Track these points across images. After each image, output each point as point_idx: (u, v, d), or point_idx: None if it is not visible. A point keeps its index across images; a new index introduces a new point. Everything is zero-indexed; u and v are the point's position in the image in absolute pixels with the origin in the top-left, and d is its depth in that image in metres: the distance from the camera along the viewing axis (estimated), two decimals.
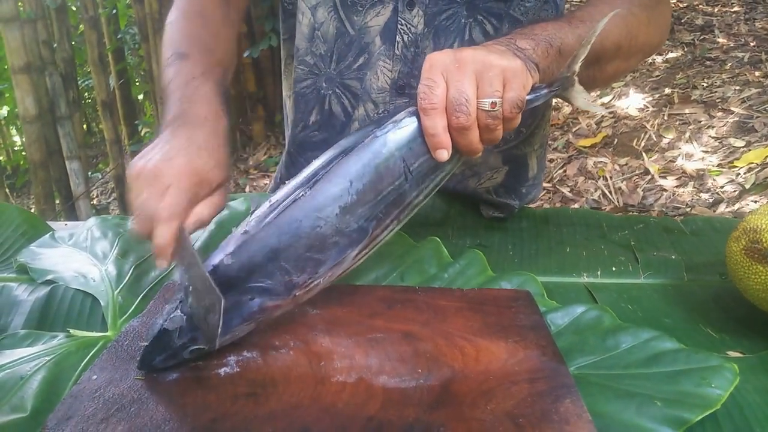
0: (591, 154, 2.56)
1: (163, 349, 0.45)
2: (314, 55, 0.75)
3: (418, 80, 0.71)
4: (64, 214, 2.79)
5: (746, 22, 3.14)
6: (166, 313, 0.46)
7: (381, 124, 0.50)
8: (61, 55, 2.77)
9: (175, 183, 0.48)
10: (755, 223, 0.54)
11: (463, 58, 0.48)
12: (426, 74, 0.48)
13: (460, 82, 0.47)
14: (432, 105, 0.47)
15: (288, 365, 0.46)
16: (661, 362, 0.47)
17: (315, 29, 0.73)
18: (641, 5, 0.63)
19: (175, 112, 0.55)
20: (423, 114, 0.48)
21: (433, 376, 0.45)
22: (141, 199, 0.48)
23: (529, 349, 0.48)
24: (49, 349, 0.50)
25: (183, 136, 0.52)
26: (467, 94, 0.47)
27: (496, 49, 0.50)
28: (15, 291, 0.61)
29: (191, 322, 0.45)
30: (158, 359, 0.45)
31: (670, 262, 0.69)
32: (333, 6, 0.71)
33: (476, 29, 0.70)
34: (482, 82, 0.48)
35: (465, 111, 0.47)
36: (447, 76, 0.48)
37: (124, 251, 0.66)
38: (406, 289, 0.58)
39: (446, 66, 0.48)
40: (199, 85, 0.58)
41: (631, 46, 0.63)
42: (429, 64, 0.49)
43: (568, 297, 0.62)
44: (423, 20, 0.69)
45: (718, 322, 0.58)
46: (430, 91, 0.47)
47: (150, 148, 0.52)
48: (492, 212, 0.83)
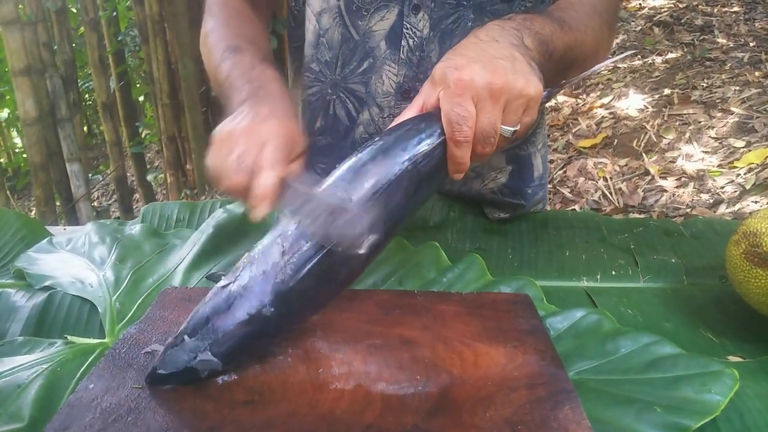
0: (591, 155, 2.56)
1: (185, 381, 0.44)
2: (320, 62, 0.75)
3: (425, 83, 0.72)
4: (64, 217, 2.79)
5: (746, 23, 3.13)
6: (191, 350, 0.44)
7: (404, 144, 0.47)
8: (61, 57, 2.78)
9: (272, 139, 0.49)
10: (755, 227, 0.53)
11: (497, 89, 0.46)
12: (457, 99, 0.47)
13: (492, 114, 0.47)
14: (466, 138, 0.47)
15: (286, 372, 0.46)
16: (661, 367, 0.47)
17: (320, 36, 0.73)
18: (606, 22, 0.64)
19: (249, 90, 0.56)
20: (455, 146, 0.47)
21: (432, 382, 0.45)
22: (238, 152, 0.48)
23: (528, 354, 0.48)
24: (46, 357, 0.50)
25: (267, 105, 0.53)
26: (497, 127, 0.48)
27: (521, 67, 0.49)
28: (13, 297, 0.61)
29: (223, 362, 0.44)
30: (172, 383, 0.44)
31: (669, 266, 0.68)
32: (338, 12, 0.71)
33: None
34: (508, 110, 0.48)
35: (492, 143, 0.48)
36: (478, 103, 0.47)
37: (122, 256, 0.66)
38: (404, 293, 0.57)
39: (479, 92, 0.46)
40: (264, 69, 0.60)
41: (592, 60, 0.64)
42: (461, 86, 0.47)
43: (568, 301, 0.62)
44: (428, 24, 0.69)
45: (719, 326, 0.58)
46: (464, 123, 0.46)
47: (233, 117, 0.52)
48: (497, 214, 0.83)
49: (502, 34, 0.52)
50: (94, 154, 4.72)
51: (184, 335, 0.45)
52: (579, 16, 0.60)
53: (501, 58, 0.49)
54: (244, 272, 0.46)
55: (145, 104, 4.26)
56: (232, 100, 0.57)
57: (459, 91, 0.47)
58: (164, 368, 0.44)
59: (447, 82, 0.47)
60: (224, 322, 0.44)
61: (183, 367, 0.44)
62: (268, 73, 0.60)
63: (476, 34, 0.52)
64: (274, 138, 0.49)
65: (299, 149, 0.53)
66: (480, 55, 0.49)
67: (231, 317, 0.44)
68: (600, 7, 0.64)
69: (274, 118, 0.52)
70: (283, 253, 0.45)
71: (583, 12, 0.61)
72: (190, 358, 0.44)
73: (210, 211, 0.80)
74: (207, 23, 0.70)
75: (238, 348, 0.45)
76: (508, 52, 0.50)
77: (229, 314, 0.44)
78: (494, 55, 0.49)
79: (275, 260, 0.45)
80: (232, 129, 0.50)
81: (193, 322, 0.45)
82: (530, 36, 0.53)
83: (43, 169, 2.58)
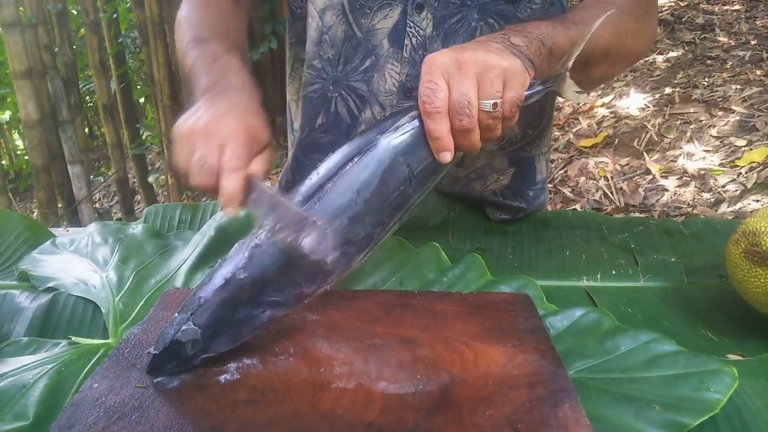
0: (592, 154, 2.56)
1: (174, 358, 0.46)
2: (322, 59, 0.75)
3: None
4: (66, 218, 2.80)
5: (747, 21, 3.13)
6: (177, 324, 0.46)
7: (382, 128, 0.50)
8: (62, 59, 2.78)
9: (231, 138, 0.49)
10: (754, 226, 0.54)
11: (464, 60, 0.48)
12: (427, 76, 0.48)
13: (462, 85, 0.47)
14: (436, 109, 0.47)
15: (288, 372, 0.46)
16: (660, 365, 0.47)
17: (323, 33, 0.73)
18: (630, 14, 0.63)
19: (209, 82, 0.56)
20: (427, 118, 0.48)
21: (432, 381, 0.45)
22: (198, 154, 0.49)
23: (528, 353, 0.48)
24: (51, 357, 0.51)
25: (225, 100, 0.53)
26: (469, 97, 0.47)
27: (494, 48, 0.50)
28: (17, 298, 0.61)
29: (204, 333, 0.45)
30: (168, 366, 0.46)
31: (670, 265, 0.69)
32: (341, 9, 0.71)
33: (486, 32, 0.70)
34: (483, 83, 0.48)
35: (468, 113, 0.47)
36: (448, 78, 0.48)
37: (125, 257, 0.67)
38: (405, 293, 0.58)
39: (447, 68, 0.48)
40: (227, 60, 0.59)
41: (618, 53, 0.64)
42: (429, 66, 0.49)
43: (568, 300, 0.62)
44: (432, 23, 0.69)
45: (718, 324, 0.58)
46: (433, 95, 0.47)
47: (191, 112, 0.52)
48: (499, 215, 0.83)
49: (487, 39, 0.53)
50: (96, 156, 4.73)
51: (176, 313, 0.47)
52: (588, 12, 0.60)
53: (474, 46, 0.50)
54: (232, 251, 0.48)
55: (145, 106, 4.27)
56: (194, 92, 0.57)
57: (428, 70, 0.48)
58: (157, 347, 0.46)
59: (422, 70, 0.49)
60: (205, 292, 0.46)
61: (169, 341, 0.45)
62: (232, 63, 0.59)
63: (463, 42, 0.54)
64: (234, 137, 0.49)
65: (262, 143, 0.52)
66: (456, 47, 0.50)
67: (211, 285, 0.46)
68: (621, 2, 0.63)
69: (233, 114, 0.51)
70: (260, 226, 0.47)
71: (594, 9, 0.61)
72: (176, 332, 0.45)
73: (211, 213, 0.80)
74: (182, 9, 0.70)
75: (217, 317, 0.46)
76: (484, 44, 0.51)
77: (209, 284, 0.46)
78: (468, 47, 0.50)
79: (253, 231, 0.48)
80: (191, 128, 0.50)
81: (185, 303, 0.47)
82: (518, 36, 0.53)
83: (45, 172, 2.58)
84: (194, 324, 0.45)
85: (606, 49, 0.61)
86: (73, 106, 2.77)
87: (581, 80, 0.61)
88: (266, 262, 0.46)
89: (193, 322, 0.45)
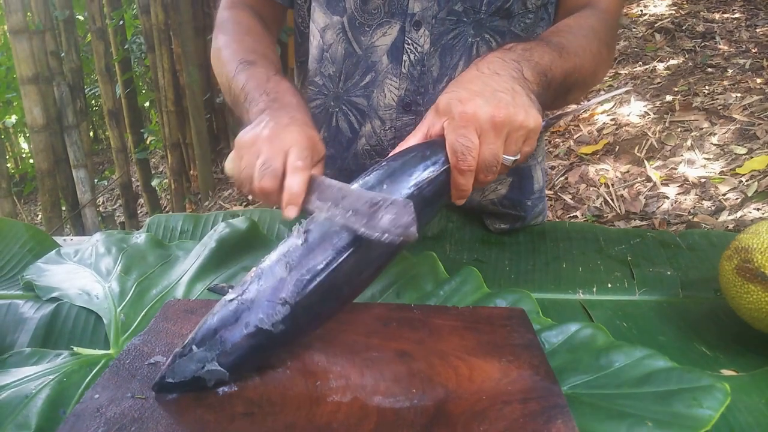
0: (592, 162, 2.56)
1: (189, 386, 0.46)
2: (323, 76, 0.77)
3: (426, 97, 0.73)
4: (70, 222, 2.81)
5: (747, 29, 3.14)
6: (199, 360, 0.45)
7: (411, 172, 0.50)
8: (68, 65, 2.81)
9: (296, 145, 0.51)
10: (747, 243, 0.54)
11: (499, 122, 0.49)
12: (462, 130, 0.49)
13: (495, 145, 0.50)
14: (469, 167, 0.49)
15: (285, 385, 0.47)
16: (654, 381, 0.48)
17: (324, 51, 0.75)
18: (605, 43, 0.65)
19: (267, 101, 0.58)
20: (459, 174, 0.50)
21: (427, 396, 0.46)
22: (263, 158, 0.50)
23: (522, 368, 0.49)
24: (53, 368, 0.52)
25: (286, 114, 0.55)
26: (498, 156, 0.50)
27: (521, 100, 0.51)
28: (21, 308, 0.62)
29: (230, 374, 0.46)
30: (180, 391, 0.46)
31: (665, 278, 0.69)
32: (341, 28, 0.72)
33: (483, 47, 0.72)
34: (509, 141, 0.51)
35: (494, 171, 0.51)
36: (481, 134, 0.50)
37: (128, 267, 0.68)
38: (402, 307, 0.59)
39: (482, 125, 0.49)
40: (278, 80, 0.62)
41: (592, 82, 0.67)
42: (465, 118, 0.49)
43: (564, 314, 0.63)
44: (429, 39, 0.71)
45: (713, 339, 0.59)
46: (468, 153, 0.49)
47: (254, 125, 0.54)
48: (498, 225, 0.84)
49: (503, 66, 0.54)
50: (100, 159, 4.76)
51: (193, 345, 0.46)
52: (577, 39, 0.62)
53: (502, 92, 0.51)
54: (252, 286, 0.47)
55: (150, 111, 4.29)
56: (249, 110, 0.59)
57: (463, 123, 0.49)
58: (173, 377, 0.46)
59: (452, 114, 0.50)
60: (232, 334, 0.46)
61: (191, 376, 0.45)
62: (283, 84, 0.62)
63: (478, 66, 0.54)
64: (297, 144, 0.51)
65: (320, 154, 0.55)
66: (483, 88, 0.51)
67: (238, 330, 0.46)
68: (598, 28, 0.65)
69: (295, 126, 0.53)
70: (290, 270, 0.46)
71: (581, 35, 0.63)
72: (198, 368, 0.45)
73: (213, 223, 0.81)
74: (219, 39, 0.71)
75: (244, 359, 0.46)
76: (509, 85, 0.52)
77: (236, 326, 0.46)
78: (496, 89, 0.51)
79: (282, 276, 0.47)
80: (256, 136, 0.52)
81: (201, 333, 0.47)
82: (530, 68, 0.55)
83: (50, 176, 2.60)
84: (220, 364, 0.45)
85: (585, 80, 0.63)
86: (79, 111, 2.79)
87: (557, 105, 0.63)
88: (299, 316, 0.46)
89: (219, 362, 0.45)
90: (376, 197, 0.45)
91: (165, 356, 0.50)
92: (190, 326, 0.55)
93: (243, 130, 0.54)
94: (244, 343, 0.46)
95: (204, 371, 0.45)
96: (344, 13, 0.71)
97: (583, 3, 0.69)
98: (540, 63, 0.56)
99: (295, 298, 0.46)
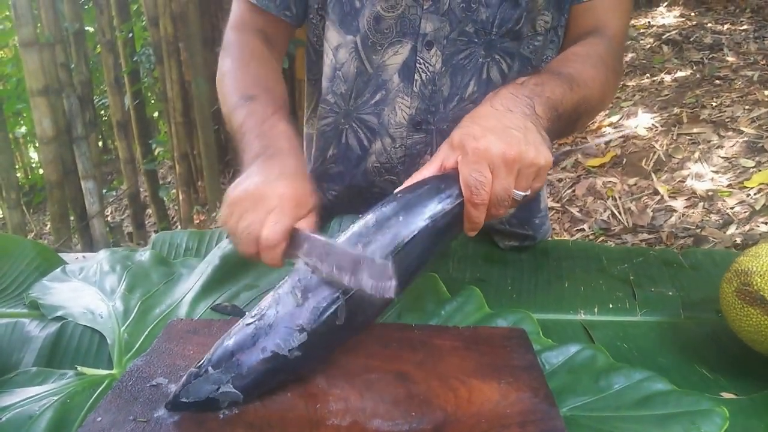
0: (600, 174, 2.56)
1: (203, 406, 0.47)
2: (335, 94, 0.78)
3: (436, 116, 0.75)
4: (78, 232, 2.84)
5: (756, 41, 3.14)
6: (214, 381, 0.47)
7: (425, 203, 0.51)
8: (78, 77, 2.84)
9: (278, 206, 0.52)
10: (746, 266, 0.54)
11: (511, 158, 0.51)
12: (475, 165, 0.51)
13: (506, 181, 0.51)
14: (483, 201, 0.51)
15: (285, 407, 0.47)
16: (652, 404, 0.48)
17: (336, 69, 0.76)
18: (612, 70, 0.66)
19: (259, 146, 0.59)
20: (472, 207, 0.51)
21: (426, 419, 0.46)
22: (245, 223, 0.52)
23: (522, 390, 0.49)
24: (57, 389, 0.52)
25: (276, 165, 0.56)
26: (510, 192, 0.52)
27: (532, 137, 0.53)
28: (27, 327, 0.63)
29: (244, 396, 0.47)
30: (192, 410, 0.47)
31: (667, 299, 0.69)
32: (354, 47, 0.73)
33: (494, 68, 0.73)
34: (520, 177, 0.52)
35: (506, 205, 0.52)
36: (494, 170, 0.51)
37: (132, 286, 0.69)
38: (402, 327, 0.59)
39: (494, 161, 0.51)
40: (275, 122, 0.62)
41: (599, 109, 0.68)
42: (478, 155, 0.51)
43: (565, 335, 0.63)
44: (441, 59, 0.72)
45: (713, 361, 0.59)
46: (481, 188, 0.51)
47: (243, 177, 0.55)
48: (508, 242, 0.85)
49: (516, 103, 0.55)
50: (108, 170, 4.80)
51: (209, 367, 0.47)
52: (587, 70, 0.63)
53: (515, 129, 0.52)
54: (270, 311, 0.49)
55: (158, 122, 4.33)
56: (244, 154, 0.60)
57: (476, 159, 0.51)
58: (187, 397, 0.47)
59: (465, 149, 0.52)
60: (248, 358, 0.47)
61: (205, 397, 0.46)
62: (279, 127, 0.62)
63: (492, 102, 0.56)
64: (280, 204, 0.52)
65: (308, 207, 0.55)
66: (495, 125, 0.53)
67: (255, 354, 0.47)
68: (606, 56, 0.66)
69: (284, 180, 0.54)
70: (305, 299, 0.48)
71: (590, 65, 0.64)
72: (213, 389, 0.46)
73: (217, 241, 0.82)
74: (224, 63, 0.72)
75: (258, 382, 0.47)
76: (521, 122, 0.53)
77: (253, 351, 0.47)
78: (508, 126, 0.53)
79: (298, 303, 0.48)
80: (243, 192, 0.53)
81: (217, 355, 0.48)
82: (541, 103, 0.56)
83: (59, 187, 2.62)
84: (235, 387, 0.46)
85: (593, 108, 0.65)
86: (88, 122, 2.82)
87: (566, 132, 0.64)
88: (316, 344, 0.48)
89: (234, 385, 0.46)
90: (358, 256, 0.47)
91: (167, 378, 0.51)
92: (192, 347, 0.55)
93: (234, 182, 0.55)
94: (260, 367, 0.47)
95: (219, 393, 0.46)
96: (357, 33, 0.72)
97: (591, 28, 0.70)
98: (551, 98, 0.57)
99: (312, 325, 0.47)
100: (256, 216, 0.51)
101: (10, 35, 3.71)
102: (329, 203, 0.87)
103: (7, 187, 2.60)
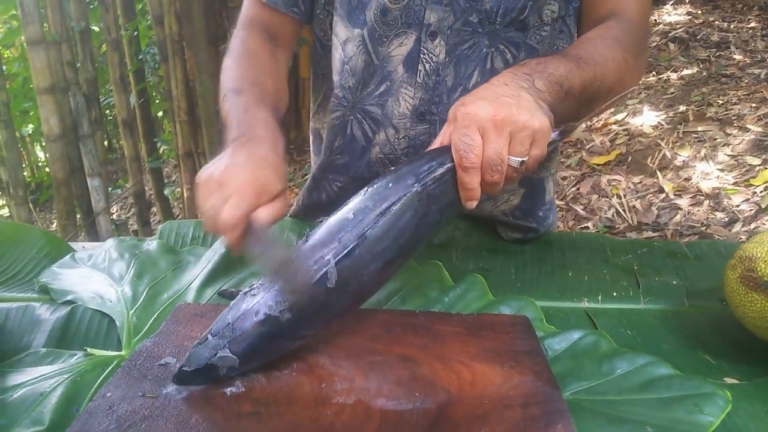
0: (604, 172, 2.55)
1: (204, 375, 0.48)
2: (343, 88, 0.78)
3: (440, 107, 0.74)
4: (84, 229, 2.86)
5: (763, 38, 3.12)
6: (212, 348, 0.48)
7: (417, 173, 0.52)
8: (84, 75, 2.86)
9: (237, 192, 0.52)
10: (751, 252, 0.55)
11: (500, 120, 0.50)
12: (463, 129, 0.50)
13: (496, 143, 0.50)
14: (472, 164, 0.50)
15: (290, 386, 0.48)
16: (655, 388, 0.48)
17: (344, 63, 0.77)
18: (631, 52, 0.65)
19: (236, 133, 0.60)
20: (462, 171, 0.51)
21: (430, 399, 0.46)
22: (208, 204, 0.53)
23: (524, 374, 0.49)
24: (67, 368, 0.53)
25: (244, 152, 0.57)
26: (502, 155, 0.50)
27: (526, 103, 0.52)
28: (38, 311, 0.64)
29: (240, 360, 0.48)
30: (196, 381, 0.48)
31: (671, 288, 0.70)
32: (361, 40, 0.74)
33: (497, 58, 0.73)
34: (514, 141, 0.51)
35: (499, 170, 0.51)
36: (483, 133, 0.50)
37: (140, 272, 0.69)
38: (406, 313, 0.59)
39: (483, 123, 0.50)
40: (255, 111, 0.63)
41: (618, 90, 0.66)
42: (467, 118, 0.50)
43: (568, 322, 0.64)
44: (445, 50, 0.72)
45: (717, 348, 0.59)
46: (470, 150, 0.50)
47: (215, 160, 0.57)
48: (512, 234, 0.85)
49: (513, 79, 0.55)
50: (114, 168, 4.83)
51: (209, 335, 0.49)
52: (598, 50, 0.62)
53: (506, 96, 0.52)
54: (267, 282, 0.51)
55: (163, 121, 4.35)
56: (226, 136, 0.61)
57: (465, 122, 0.50)
58: (189, 365, 0.48)
59: (456, 117, 0.51)
60: (243, 323, 0.49)
61: (204, 363, 0.48)
62: (259, 115, 0.63)
63: (490, 81, 0.56)
64: (239, 190, 0.52)
65: (271, 194, 0.55)
66: (487, 94, 0.52)
67: (249, 318, 0.49)
68: (621, 37, 0.65)
69: (246, 167, 0.54)
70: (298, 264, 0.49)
71: (603, 45, 0.63)
72: (211, 355, 0.48)
73: None
74: (226, 60, 0.74)
75: (254, 347, 0.48)
76: (515, 92, 0.53)
77: (247, 315, 0.49)
78: (500, 94, 0.52)
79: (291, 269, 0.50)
80: (208, 177, 0.54)
81: (217, 325, 0.50)
82: (542, 79, 0.56)
83: (65, 184, 2.64)
84: (231, 352, 0.48)
85: (610, 88, 0.63)
86: (94, 121, 2.84)
87: (581, 114, 0.64)
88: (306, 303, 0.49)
89: (230, 349, 0.48)
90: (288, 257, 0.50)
91: (175, 357, 0.52)
92: (199, 329, 0.56)
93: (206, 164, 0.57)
94: (254, 331, 0.48)
95: (216, 358, 0.48)
96: (365, 26, 0.73)
97: (608, 14, 0.69)
98: (554, 74, 0.56)
99: (302, 287, 0.48)
100: (217, 199, 0.52)
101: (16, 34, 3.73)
102: (335, 195, 0.87)
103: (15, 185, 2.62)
